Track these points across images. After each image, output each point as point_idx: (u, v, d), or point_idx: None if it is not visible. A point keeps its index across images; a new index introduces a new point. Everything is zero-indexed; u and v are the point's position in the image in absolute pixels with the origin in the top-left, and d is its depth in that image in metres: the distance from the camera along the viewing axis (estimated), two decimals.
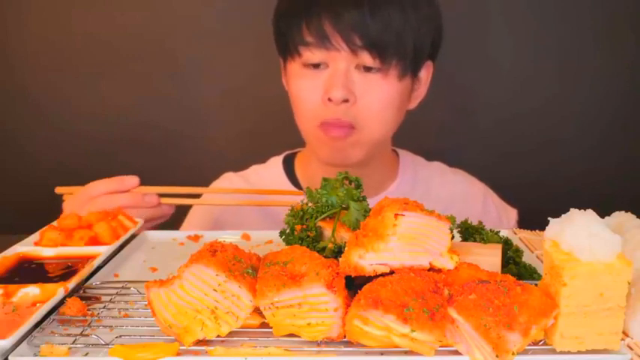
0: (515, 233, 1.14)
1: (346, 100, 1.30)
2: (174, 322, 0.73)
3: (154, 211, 1.24)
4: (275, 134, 1.58)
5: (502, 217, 1.57)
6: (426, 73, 1.44)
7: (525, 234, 1.13)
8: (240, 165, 1.64)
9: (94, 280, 0.93)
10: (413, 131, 1.50)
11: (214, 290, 0.74)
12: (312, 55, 1.30)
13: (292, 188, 1.54)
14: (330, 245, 0.89)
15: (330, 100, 1.30)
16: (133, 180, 1.24)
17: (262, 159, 1.64)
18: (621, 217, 0.92)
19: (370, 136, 1.36)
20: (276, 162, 1.61)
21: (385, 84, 1.31)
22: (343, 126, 1.33)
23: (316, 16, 1.27)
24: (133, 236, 1.12)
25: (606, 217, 0.91)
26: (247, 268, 0.78)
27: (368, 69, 1.30)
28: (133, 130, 2.10)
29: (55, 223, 1.07)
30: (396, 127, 1.44)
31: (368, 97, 1.31)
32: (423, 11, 1.33)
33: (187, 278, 0.75)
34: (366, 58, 1.28)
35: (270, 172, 1.59)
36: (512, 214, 1.60)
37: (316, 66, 1.32)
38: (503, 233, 1.05)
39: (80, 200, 1.21)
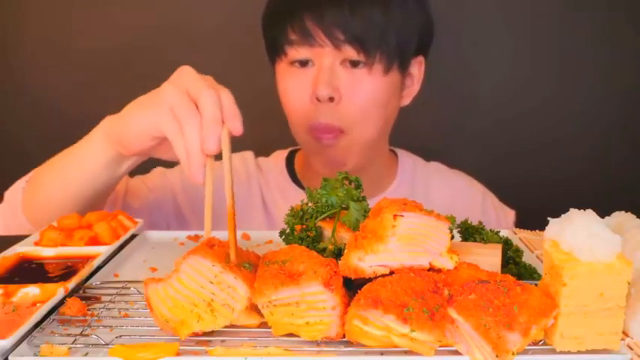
0: (515, 233, 1.14)
1: (332, 98, 1.31)
2: (170, 317, 0.74)
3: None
4: (280, 135, 1.58)
5: (500, 219, 1.57)
6: (417, 69, 1.44)
7: (525, 234, 1.13)
8: None
9: (94, 280, 0.93)
10: (411, 131, 1.50)
11: (211, 282, 0.74)
12: (296, 52, 1.32)
13: (292, 184, 1.55)
14: (330, 247, 0.89)
15: (318, 99, 1.31)
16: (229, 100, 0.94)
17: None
18: (621, 217, 0.92)
19: (360, 137, 1.36)
20: (279, 156, 1.61)
21: (371, 79, 1.32)
22: (332, 131, 1.33)
23: (299, 16, 1.30)
24: (133, 236, 1.12)
25: (606, 217, 0.91)
26: (244, 262, 0.78)
27: (354, 64, 1.31)
28: None
29: (55, 223, 1.07)
30: (389, 125, 1.44)
31: (353, 93, 1.32)
32: (409, 7, 1.34)
33: (185, 270, 0.75)
34: (350, 52, 1.30)
35: (273, 166, 1.59)
36: (510, 215, 1.60)
37: (303, 64, 1.34)
38: (503, 233, 1.05)
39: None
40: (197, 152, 0.91)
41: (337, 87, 1.31)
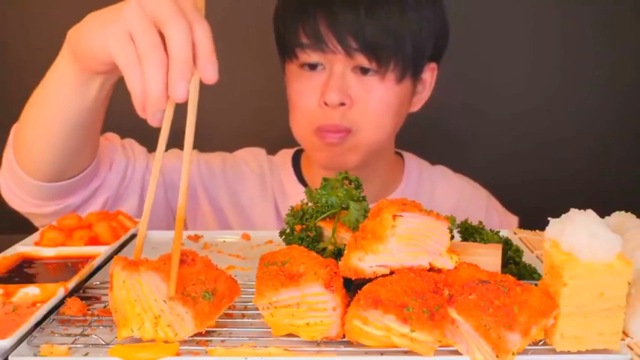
0: (515, 233, 1.14)
1: (342, 104, 1.28)
2: (120, 306, 0.72)
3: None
4: (280, 137, 1.58)
5: (503, 224, 1.57)
6: (429, 76, 1.42)
7: (525, 234, 1.13)
8: None
9: (94, 280, 0.93)
10: (411, 131, 1.50)
11: (164, 301, 0.72)
12: (307, 56, 1.29)
13: (297, 182, 1.53)
14: (330, 247, 0.89)
15: (326, 104, 1.28)
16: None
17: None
18: (621, 217, 0.92)
19: (366, 140, 1.34)
20: (286, 155, 1.60)
21: (382, 87, 1.29)
22: (339, 131, 1.31)
23: (312, 18, 1.26)
24: (133, 236, 1.12)
25: (606, 217, 0.91)
26: (206, 291, 0.74)
27: (365, 71, 1.28)
28: (140, 126, 2.08)
29: (55, 223, 1.07)
30: (395, 131, 1.42)
31: (365, 100, 1.29)
32: (425, 11, 1.30)
33: (145, 277, 0.73)
34: (362, 60, 1.26)
35: (280, 164, 1.58)
36: (513, 221, 1.60)
37: (313, 67, 1.31)
38: (503, 233, 1.05)
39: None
40: (158, 95, 0.74)
41: (348, 93, 1.28)
